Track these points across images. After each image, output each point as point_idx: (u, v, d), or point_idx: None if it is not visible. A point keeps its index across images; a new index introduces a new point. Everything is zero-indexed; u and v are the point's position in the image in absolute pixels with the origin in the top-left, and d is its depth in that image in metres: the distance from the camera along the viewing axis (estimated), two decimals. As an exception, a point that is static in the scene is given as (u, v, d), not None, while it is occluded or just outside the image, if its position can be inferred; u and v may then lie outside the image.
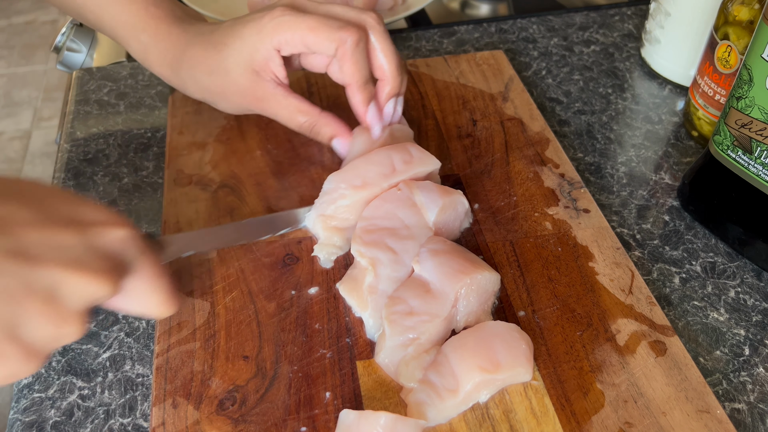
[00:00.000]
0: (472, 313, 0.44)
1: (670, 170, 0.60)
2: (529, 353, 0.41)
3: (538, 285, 0.47)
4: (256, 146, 0.58)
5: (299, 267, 0.48)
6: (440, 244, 0.45)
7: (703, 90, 0.59)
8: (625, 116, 0.66)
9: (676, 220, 0.55)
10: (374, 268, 0.45)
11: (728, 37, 0.55)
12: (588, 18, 0.80)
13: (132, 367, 0.45)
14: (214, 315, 0.45)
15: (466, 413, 0.40)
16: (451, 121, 0.61)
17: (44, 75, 2.30)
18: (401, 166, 0.49)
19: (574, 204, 0.53)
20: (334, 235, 0.49)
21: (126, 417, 0.42)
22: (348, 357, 0.43)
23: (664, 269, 0.51)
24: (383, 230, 0.47)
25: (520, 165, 0.56)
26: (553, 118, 0.65)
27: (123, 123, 0.64)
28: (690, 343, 0.46)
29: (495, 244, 0.50)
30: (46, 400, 0.43)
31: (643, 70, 0.71)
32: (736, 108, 0.48)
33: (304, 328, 0.44)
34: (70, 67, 0.74)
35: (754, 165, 0.48)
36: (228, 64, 0.51)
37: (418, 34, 0.77)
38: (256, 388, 0.41)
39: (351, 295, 0.45)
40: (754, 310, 0.48)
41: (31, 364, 0.31)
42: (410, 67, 0.67)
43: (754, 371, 0.45)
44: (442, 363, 0.40)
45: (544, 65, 0.72)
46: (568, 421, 0.39)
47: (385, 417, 0.37)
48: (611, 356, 0.43)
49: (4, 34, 2.48)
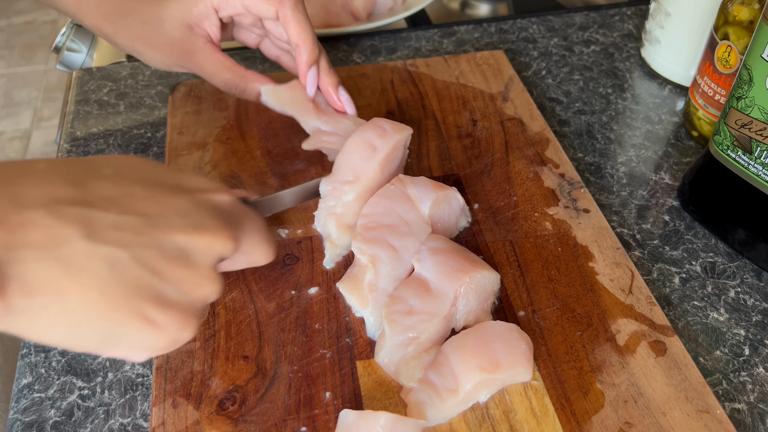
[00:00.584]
0: (471, 313, 0.44)
1: (670, 170, 0.60)
2: (529, 353, 0.41)
3: (538, 285, 0.47)
4: (256, 146, 0.58)
5: (299, 267, 0.48)
6: (440, 243, 0.45)
7: (703, 90, 0.59)
8: (625, 116, 0.66)
9: (676, 220, 0.55)
10: (374, 266, 0.45)
11: (728, 37, 0.55)
12: (588, 18, 0.80)
13: (132, 367, 0.45)
14: (214, 315, 0.45)
15: (466, 413, 0.40)
16: (451, 121, 0.61)
17: (44, 75, 2.30)
18: (379, 141, 0.49)
19: (574, 204, 0.53)
20: (346, 234, 0.49)
21: (126, 417, 0.42)
22: (348, 357, 0.43)
23: (664, 269, 0.51)
24: (383, 227, 0.47)
25: (520, 165, 0.56)
26: (553, 118, 0.65)
27: (123, 123, 0.64)
28: (690, 343, 0.46)
29: (495, 244, 0.50)
30: (46, 400, 0.43)
31: (643, 70, 0.71)
32: (736, 108, 0.48)
33: (304, 328, 0.44)
34: (70, 67, 0.74)
35: (754, 165, 0.48)
36: (164, 15, 0.53)
37: (418, 34, 0.77)
38: (256, 388, 0.41)
39: (351, 293, 0.45)
40: (754, 310, 0.48)
41: (188, 327, 0.33)
42: (410, 67, 0.67)
43: (754, 371, 0.45)
44: (442, 363, 0.40)
45: (544, 65, 0.72)
46: (568, 421, 0.39)
47: (385, 417, 0.37)
48: (611, 356, 0.43)
49: (4, 34, 2.48)
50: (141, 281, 0.31)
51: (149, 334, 0.32)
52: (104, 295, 0.30)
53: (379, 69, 0.67)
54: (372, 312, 0.44)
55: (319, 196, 0.50)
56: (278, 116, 0.61)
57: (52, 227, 0.29)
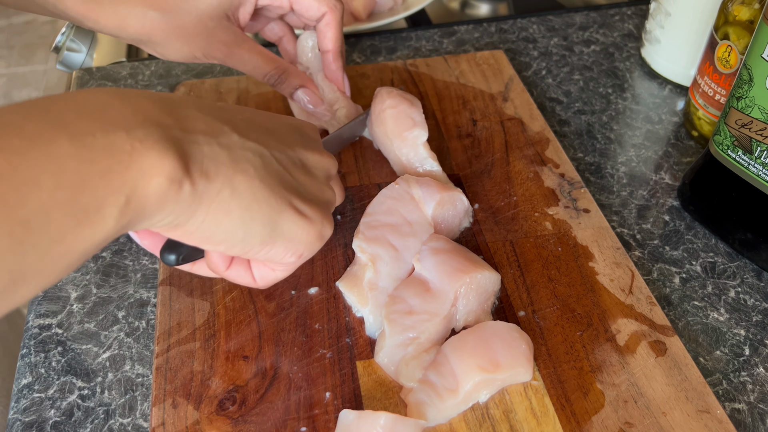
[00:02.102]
0: (471, 313, 0.44)
1: (670, 170, 0.59)
2: (529, 353, 0.41)
3: (538, 285, 0.47)
4: (256, 146, 0.58)
5: (299, 267, 0.48)
6: (441, 243, 0.45)
7: (703, 90, 0.59)
8: (625, 116, 0.66)
9: (676, 220, 0.55)
10: (374, 265, 0.45)
11: (728, 37, 0.55)
12: (588, 18, 0.80)
13: (132, 367, 0.45)
14: (214, 315, 0.45)
15: (466, 413, 0.40)
16: (451, 121, 0.61)
17: (44, 75, 2.30)
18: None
19: (574, 204, 0.53)
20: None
21: (126, 417, 0.42)
22: (348, 357, 0.43)
23: (664, 269, 0.51)
24: (385, 226, 0.47)
25: (520, 165, 0.56)
26: (553, 118, 0.65)
27: (123, 123, 0.64)
28: (690, 343, 0.46)
29: (495, 244, 0.50)
30: (46, 400, 0.43)
31: (643, 70, 0.71)
32: (736, 108, 0.48)
33: (304, 328, 0.44)
34: (70, 67, 0.74)
35: (754, 165, 0.48)
36: (197, 3, 0.48)
37: (418, 34, 0.77)
38: (256, 388, 0.41)
39: (351, 292, 0.45)
40: (754, 310, 0.48)
41: (329, 221, 0.38)
42: (410, 67, 0.67)
43: (754, 371, 0.45)
44: (442, 363, 0.40)
45: (544, 65, 0.72)
46: (568, 421, 0.39)
47: (385, 417, 0.36)
48: (611, 356, 0.43)
49: (4, 34, 2.48)
50: (283, 176, 0.35)
51: (302, 225, 0.36)
52: (263, 181, 0.34)
53: (379, 69, 0.67)
54: (372, 311, 0.44)
55: (356, 137, 0.54)
56: (278, 116, 0.61)
57: (209, 121, 0.32)
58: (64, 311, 0.48)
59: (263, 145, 0.35)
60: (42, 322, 0.47)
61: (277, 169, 0.35)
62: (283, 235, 0.35)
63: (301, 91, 0.54)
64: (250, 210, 0.33)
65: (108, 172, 0.26)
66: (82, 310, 0.48)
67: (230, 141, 0.33)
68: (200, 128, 0.31)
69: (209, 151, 0.31)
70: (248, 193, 0.33)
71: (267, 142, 0.35)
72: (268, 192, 0.34)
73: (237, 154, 0.33)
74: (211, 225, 0.32)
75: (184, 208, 0.30)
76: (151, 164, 0.28)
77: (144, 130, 0.28)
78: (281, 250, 0.36)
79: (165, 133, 0.29)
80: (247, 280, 0.40)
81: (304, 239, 0.37)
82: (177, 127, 0.30)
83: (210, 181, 0.31)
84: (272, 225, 0.34)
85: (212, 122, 0.32)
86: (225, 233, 0.33)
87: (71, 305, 0.48)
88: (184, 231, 0.32)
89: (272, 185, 0.34)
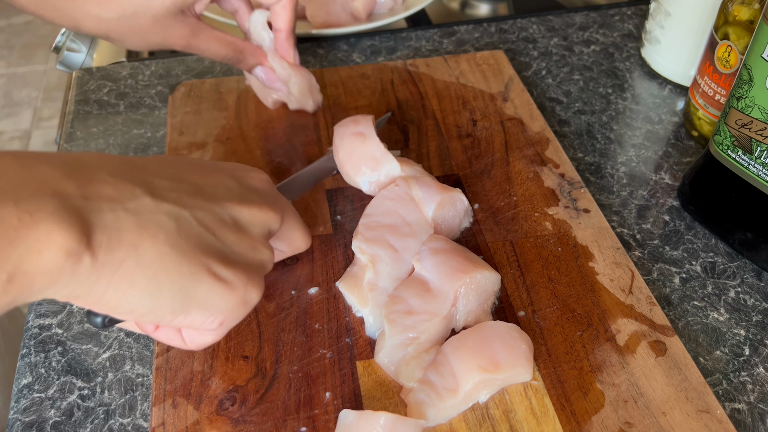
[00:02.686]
0: (471, 313, 0.44)
1: (670, 170, 0.59)
2: (529, 353, 0.41)
3: (538, 285, 0.47)
4: (256, 146, 0.58)
5: (299, 267, 0.48)
6: (441, 243, 0.45)
7: (703, 90, 0.59)
8: (625, 116, 0.66)
9: (676, 220, 0.55)
10: (374, 265, 0.45)
11: (728, 37, 0.55)
12: (588, 18, 0.80)
13: (132, 367, 0.45)
14: (214, 315, 0.45)
15: (466, 413, 0.40)
16: (451, 121, 0.61)
17: (44, 75, 2.30)
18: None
19: (574, 204, 0.53)
20: None
21: (126, 417, 0.42)
22: (348, 357, 0.43)
23: (664, 269, 0.51)
24: (385, 227, 0.47)
25: (520, 165, 0.56)
26: (553, 118, 0.65)
27: (123, 123, 0.64)
28: (690, 343, 0.46)
29: (495, 244, 0.50)
30: (46, 400, 0.43)
31: (643, 70, 0.71)
32: (736, 108, 0.48)
33: (304, 328, 0.44)
34: (70, 67, 0.74)
35: (754, 165, 0.48)
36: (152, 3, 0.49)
37: (418, 34, 0.77)
38: (256, 388, 0.41)
39: (351, 292, 0.45)
40: (754, 310, 0.48)
41: (254, 286, 0.36)
42: (410, 67, 0.67)
43: (754, 371, 0.45)
44: (442, 363, 0.40)
45: (544, 65, 0.72)
46: (568, 421, 0.39)
47: (385, 417, 0.36)
48: (611, 356, 0.43)
49: (4, 34, 2.48)
50: (203, 238, 0.33)
51: (221, 292, 0.34)
52: (174, 247, 0.32)
53: (379, 69, 0.67)
54: (371, 311, 0.44)
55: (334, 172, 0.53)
56: (278, 116, 0.61)
57: (118, 185, 0.31)
58: (64, 311, 0.48)
59: (182, 206, 0.33)
60: (42, 322, 0.47)
61: (197, 231, 0.33)
62: (198, 303, 0.33)
63: (259, 69, 0.58)
64: (157, 279, 0.31)
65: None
66: (82, 310, 0.48)
67: (139, 205, 0.31)
68: (106, 193, 0.30)
69: (112, 218, 0.29)
70: (156, 261, 0.31)
71: (188, 202, 0.33)
72: (180, 257, 0.32)
73: (146, 219, 0.31)
74: (114, 296, 0.30)
75: (82, 281, 0.28)
76: (40, 238, 0.26)
77: (37, 201, 0.27)
78: (198, 318, 0.34)
79: (62, 203, 0.27)
80: (177, 342, 0.38)
81: (222, 307, 0.34)
82: (78, 194, 0.28)
83: (111, 251, 0.29)
84: (184, 293, 0.32)
85: (122, 185, 0.31)
86: (130, 304, 0.31)
87: (71, 305, 0.48)
88: (85, 302, 0.30)
89: (186, 250, 0.32)
